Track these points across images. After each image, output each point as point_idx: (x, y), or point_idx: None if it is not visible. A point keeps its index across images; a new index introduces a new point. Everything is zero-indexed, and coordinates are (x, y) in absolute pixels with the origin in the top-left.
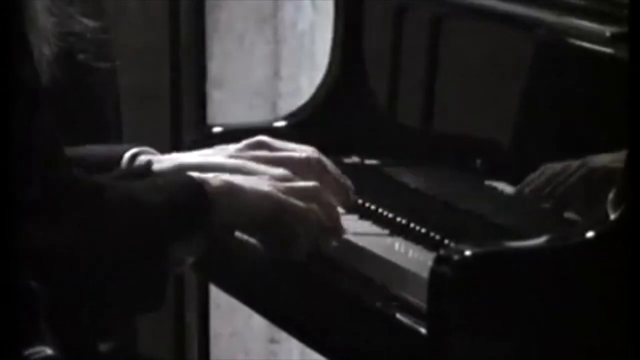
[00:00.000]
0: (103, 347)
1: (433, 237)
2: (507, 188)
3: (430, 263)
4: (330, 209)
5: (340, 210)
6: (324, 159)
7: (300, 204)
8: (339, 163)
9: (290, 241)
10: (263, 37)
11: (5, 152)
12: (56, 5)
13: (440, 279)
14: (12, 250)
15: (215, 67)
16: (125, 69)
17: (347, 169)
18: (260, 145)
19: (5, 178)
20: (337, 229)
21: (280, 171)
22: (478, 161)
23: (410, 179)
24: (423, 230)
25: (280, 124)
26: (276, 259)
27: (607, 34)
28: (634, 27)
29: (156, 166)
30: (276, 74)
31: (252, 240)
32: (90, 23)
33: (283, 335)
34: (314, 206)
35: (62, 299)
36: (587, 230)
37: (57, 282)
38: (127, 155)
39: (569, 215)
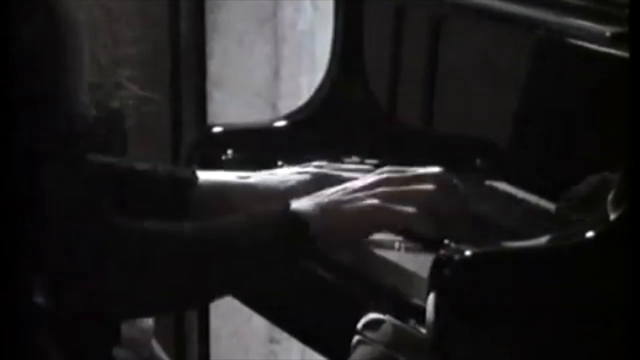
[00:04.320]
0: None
1: (433, 237)
2: (507, 188)
3: (430, 263)
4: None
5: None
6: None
7: (394, 206)
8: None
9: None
10: (263, 37)
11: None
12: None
13: (440, 279)
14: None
15: (215, 67)
16: (126, 69)
17: None
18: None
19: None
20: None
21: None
22: (478, 161)
23: None
24: None
25: (280, 124)
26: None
27: (607, 34)
28: (634, 27)
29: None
30: (276, 74)
31: None
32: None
33: (283, 335)
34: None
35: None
36: (587, 230)
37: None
38: None
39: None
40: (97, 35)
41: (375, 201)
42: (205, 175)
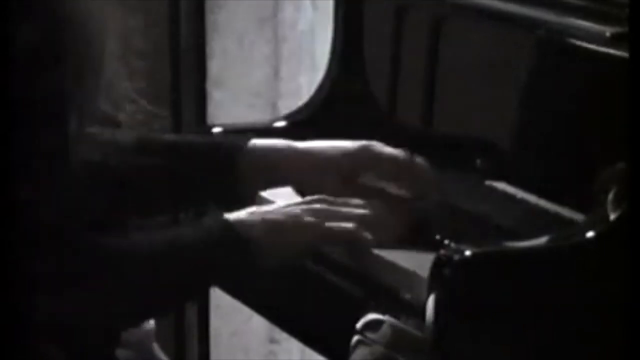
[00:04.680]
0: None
1: (433, 237)
2: (507, 188)
3: (430, 263)
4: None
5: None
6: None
7: (336, 226)
8: None
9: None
10: (263, 37)
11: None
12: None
13: (440, 279)
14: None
15: (215, 67)
16: (126, 69)
17: None
18: None
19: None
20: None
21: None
22: (478, 161)
23: None
24: None
25: (280, 124)
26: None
27: (607, 34)
28: (634, 27)
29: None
30: (276, 74)
31: None
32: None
33: (283, 335)
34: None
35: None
36: (587, 230)
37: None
38: None
39: (569, 215)
40: None
41: (314, 219)
42: (255, 141)
